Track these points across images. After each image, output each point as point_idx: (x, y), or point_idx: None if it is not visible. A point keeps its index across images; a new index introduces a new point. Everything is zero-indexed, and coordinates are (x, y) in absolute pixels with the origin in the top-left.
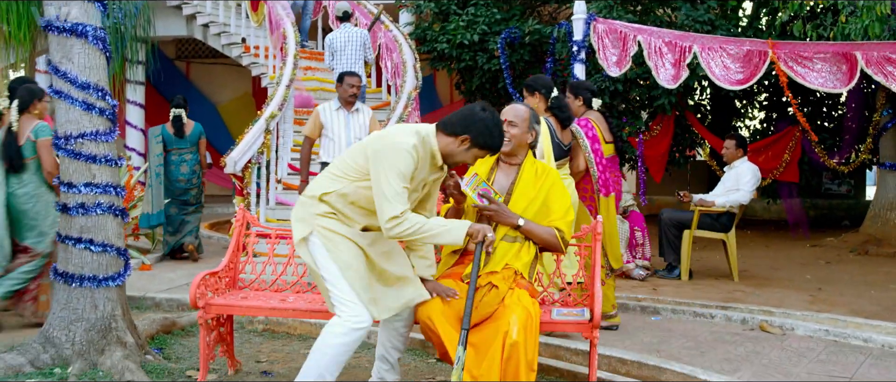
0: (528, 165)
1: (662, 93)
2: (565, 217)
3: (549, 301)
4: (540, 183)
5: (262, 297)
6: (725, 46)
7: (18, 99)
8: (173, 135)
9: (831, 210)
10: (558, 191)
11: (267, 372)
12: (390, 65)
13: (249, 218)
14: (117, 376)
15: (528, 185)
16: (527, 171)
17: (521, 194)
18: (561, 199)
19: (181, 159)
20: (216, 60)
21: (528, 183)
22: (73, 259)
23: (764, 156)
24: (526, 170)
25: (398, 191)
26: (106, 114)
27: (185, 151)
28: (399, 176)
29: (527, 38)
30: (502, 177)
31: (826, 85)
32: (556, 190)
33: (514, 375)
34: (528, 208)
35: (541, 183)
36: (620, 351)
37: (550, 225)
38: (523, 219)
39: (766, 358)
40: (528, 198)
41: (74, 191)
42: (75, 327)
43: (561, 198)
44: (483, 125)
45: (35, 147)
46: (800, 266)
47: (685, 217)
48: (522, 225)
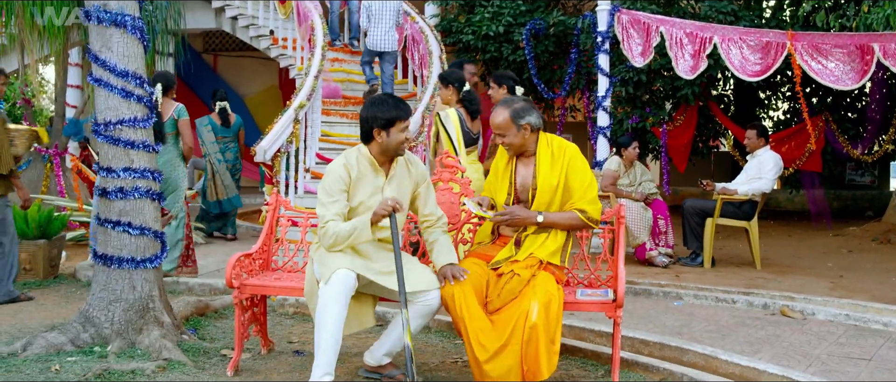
0: (543, 151)
1: (686, 83)
2: (586, 194)
3: (574, 282)
4: (558, 166)
5: (295, 278)
6: (745, 37)
7: (162, 83)
8: (220, 125)
9: (855, 200)
10: (576, 168)
11: (299, 352)
12: (417, 56)
13: (282, 202)
14: (155, 354)
15: (547, 172)
16: (543, 160)
17: (544, 182)
18: (580, 176)
19: (226, 147)
20: (243, 53)
21: (546, 170)
22: (112, 241)
23: (787, 145)
24: (542, 159)
25: (325, 204)
26: (144, 102)
27: (230, 140)
28: (326, 192)
29: (552, 30)
30: (523, 169)
31: (839, 82)
32: (574, 166)
33: (534, 356)
34: (556, 195)
35: (559, 165)
36: (643, 333)
37: (572, 206)
38: (542, 215)
39: (786, 341)
40: (551, 186)
41: (113, 176)
42: (114, 307)
43: (580, 175)
44: (371, 110)
45: (176, 124)
46: (822, 254)
47: (708, 205)
48: (542, 220)
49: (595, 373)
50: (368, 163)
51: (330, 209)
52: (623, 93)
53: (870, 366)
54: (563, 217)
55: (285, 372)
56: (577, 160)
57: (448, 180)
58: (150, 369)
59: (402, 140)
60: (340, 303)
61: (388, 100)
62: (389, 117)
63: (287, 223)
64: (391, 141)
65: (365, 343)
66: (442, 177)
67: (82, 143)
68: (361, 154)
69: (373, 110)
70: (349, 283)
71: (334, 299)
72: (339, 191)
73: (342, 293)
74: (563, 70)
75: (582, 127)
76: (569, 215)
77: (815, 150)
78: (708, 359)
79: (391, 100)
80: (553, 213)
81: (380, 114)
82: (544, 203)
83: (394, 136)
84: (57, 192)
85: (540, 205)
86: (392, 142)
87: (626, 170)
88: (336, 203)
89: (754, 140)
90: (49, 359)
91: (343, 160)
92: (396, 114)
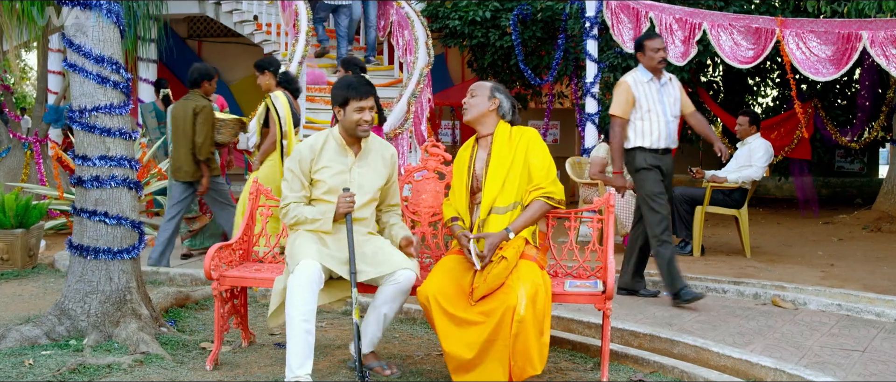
0: (500, 133)
1: (675, 69)
2: (548, 175)
3: (562, 273)
4: (514, 145)
5: (276, 270)
6: (735, 23)
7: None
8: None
9: (844, 188)
10: (535, 149)
11: (281, 344)
12: (402, 42)
13: (263, 190)
14: (132, 347)
15: (502, 152)
16: (499, 139)
17: (497, 163)
18: (539, 157)
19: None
20: (228, 39)
21: (501, 150)
22: (88, 231)
23: (776, 132)
24: (498, 139)
25: (289, 183)
26: (120, 88)
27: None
28: (289, 170)
29: (539, 15)
30: (482, 153)
31: (818, 73)
32: (534, 147)
33: (524, 350)
34: (509, 175)
35: (515, 145)
36: (632, 324)
37: (537, 192)
38: (510, 229)
39: (778, 332)
40: (505, 165)
41: (89, 164)
42: (90, 299)
43: (539, 156)
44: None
45: None
46: (812, 243)
47: (697, 193)
48: (512, 233)
49: (584, 365)
50: (336, 143)
51: (293, 188)
52: (611, 79)
53: (863, 357)
54: (529, 216)
55: (266, 366)
56: (535, 141)
57: (434, 169)
58: (126, 363)
59: (356, 120)
60: (307, 294)
61: (350, 80)
62: (344, 96)
63: (267, 212)
64: (346, 119)
65: (349, 335)
66: (427, 165)
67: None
68: (332, 134)
69: (334, 89)
70: (315, 275)
71: (301, 290)
72: (299, 170)
73: (308, 283)
74: (551, 56)
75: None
76: (533, 209)
77: (805, 138)
78: (699, 351)
79: (353, 80)
80: (518, 219)
81: (337, 91)
82: (498, 182)
83: (349, 115)
84: (37, 180)
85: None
86: (347, 121)
87: None
88: (297, 181)
89: (746, 127)
90: (22, 353)
91: (310, 140)
92: (350, 93)
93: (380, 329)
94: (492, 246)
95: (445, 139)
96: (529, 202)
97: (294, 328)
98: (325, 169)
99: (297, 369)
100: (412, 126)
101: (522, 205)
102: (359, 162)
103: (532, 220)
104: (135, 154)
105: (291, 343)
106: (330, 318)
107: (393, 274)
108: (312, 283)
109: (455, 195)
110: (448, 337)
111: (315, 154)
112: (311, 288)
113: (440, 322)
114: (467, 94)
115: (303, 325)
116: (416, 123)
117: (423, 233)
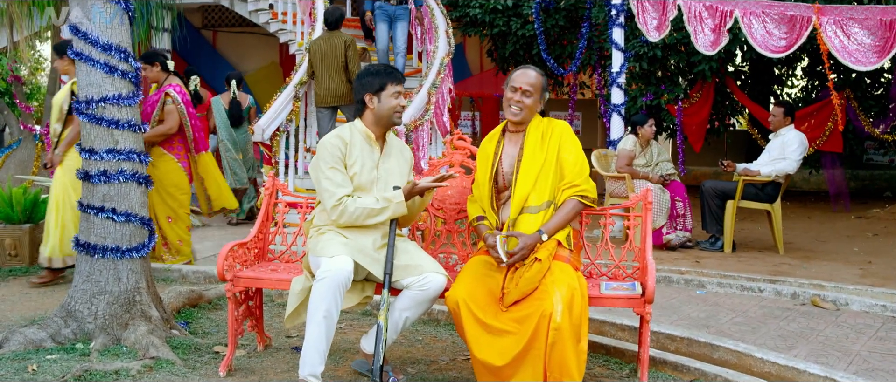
0: (534, 128)
1: (702, 58)
2: (581, 172)
3: (597, 274)
4: (547, 142)
5: (293, 269)
6: (768, 10)
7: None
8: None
9: (873, 180)
10: (568, 144)
11: (298, 348)
12: (421, 31)
13: (279, 186)
14: (141, 352)
15: (534, 149)
16: (532, 135)
17: (530, 160)
18: (573, 152)
19: None
20: (243, 29)
21: (534, 147)
22: (95, 229)
23: (807, 124)
24: (531, 135)
25: (332, 178)
26: (129, 77)
27: None
28: (328, 165)
29: (562, 3)
30: (510, 148)
31: (857, 62)
32: (566, 143)
33: (561, 360)
34: (542, 173)
35: (548, 142)
36: (668, 327)
37: (570, 190)
38: (543, 231)
39: (821, 335)
40: (537, 163)
41: (96, 158)
42: (98, 300)
43: (572, 151)
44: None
45: (249, 110)
46: (846, 238)
47: (728, 187)
48: (545, 235)
49: (619, 372)
50: (363, 137)
51: (340, 183)
52: (636, 68)
53: None
54: (562, 217)
55: (282, 371)
56: (568, 136)
57: (460, 163)
58: (135, 369)
59: (393, 105)
60: (335, 292)
61: (379, 66)
62: (381, 82)
63: (285, 208)
64: (383, 106)
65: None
66: (453, 158)
67: None
68: (355, 128)
69: (364, 77)
70: (344, 272)
71: (328, 287)
72: (339, 161)
73: (336, 280)
74: (574, 45)
75: (592, 104)
76: (567, 208)
77: (836, 129)
78: (741, 357)
79: (382, 67)
80: (551, 220)
81: (371, 79)
82: (530, 179)
83: (386, 102)
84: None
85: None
86: (384, 108)
87: (643, 150)
88: (341, 174)
89: (780, 118)
90: (27, 357)
91: (337, 131)
92: (386, 79)
93: (395, 333)
94: (523, 249)
95: (465, 130)
96: (563, 201)
97: (314, 325)
98: (355, 163)
99: (310, 368)
100: (433, 117)
101: (555, 205)
102: (384, 158)
103: (566, 221)
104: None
105: (309, 342)
106: (350, 319)
107: (421, 278)
108: (340, 281)
109: (479, 191)
110: (479, 344)
111: (347, 146)
112: (339, 287)
113: (470, 328)
114: (516, 92)
115: (323, 323)
116: (437, 114)
117: (448, 231)
